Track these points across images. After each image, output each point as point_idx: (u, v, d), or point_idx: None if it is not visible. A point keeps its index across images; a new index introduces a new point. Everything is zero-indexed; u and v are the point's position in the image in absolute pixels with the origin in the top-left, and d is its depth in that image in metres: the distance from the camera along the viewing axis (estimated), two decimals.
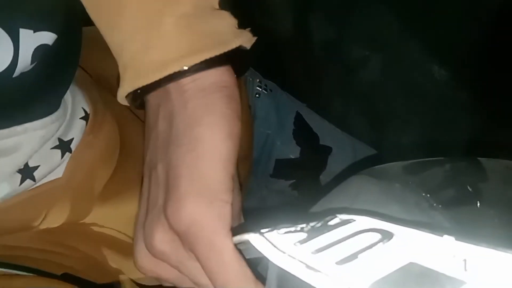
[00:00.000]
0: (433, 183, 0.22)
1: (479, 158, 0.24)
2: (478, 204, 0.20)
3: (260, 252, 0.16)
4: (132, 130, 0.32)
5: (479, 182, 0.21)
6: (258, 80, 0.57)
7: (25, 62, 0.23)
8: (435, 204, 0.20)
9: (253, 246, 0.16)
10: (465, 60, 0.77)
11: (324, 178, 0.57)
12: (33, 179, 0.27)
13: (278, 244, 0.15)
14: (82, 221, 0.30)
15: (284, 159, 0.56)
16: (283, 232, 0.16)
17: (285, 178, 0.55)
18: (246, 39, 0.20)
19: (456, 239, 0.14)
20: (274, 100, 0.57)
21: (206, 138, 0.19)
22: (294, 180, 0.56)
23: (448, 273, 0.13)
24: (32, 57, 0.23)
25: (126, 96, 0.22)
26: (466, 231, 0.18)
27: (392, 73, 0.84)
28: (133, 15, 0.20)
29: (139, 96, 0.22)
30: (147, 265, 0.21)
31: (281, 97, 0.58)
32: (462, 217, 0.19)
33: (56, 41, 0.25)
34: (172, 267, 0.20)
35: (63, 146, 0.28)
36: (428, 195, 0.21)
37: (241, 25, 0.22)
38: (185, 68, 0.19)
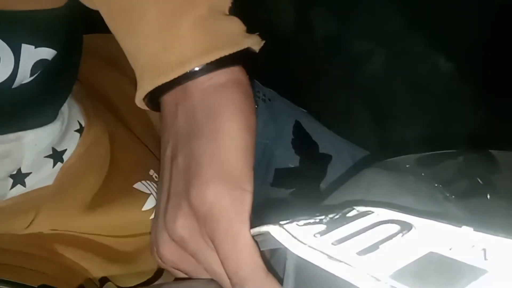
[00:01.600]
0: (446, 175, 0.22)
1: (491, 151, 0.24)
2: (491, 196, 0.20)
3: (278, 243, 0.16)
4: (123, 142, 0.33)
5: (492, 174, 0.21)
6: (256, 90, 0.57)
7: (24, 74, 0.24)
8: (448, 196, 0.20)
9: (271, 238, 0.16)
10: (470, 54, 0.77)
11: (324, 186, 0.56)
12: (24, 185, 0.28)
13: (298, 235, 0.15)
14: (69, 229, 0.30)
15: (283, 168, 0.56)
16: (303, 223, 0.16)
17: (286, 187, 0.55)
18: (255, 41, 0.22)
19: (474, 230, 0.14)
20: (272, 110, 0.57)
21: (226, 129, 0.20)
22: (294, 189, 0.55)
23: (469, 262, 0.13)
24: (31, 70, 0.24)
25: (143, 98, 0.23)
26: (481, 221, 0.18)
27: (396, 68, 0.84)
28: (152, 19, 0.21)
29: (157, 96, 0.22)
30: (168, 253, 0.21)
31: (280, 106, 0.57)
32: (476, 208, 0.20)
33: (55, 56, 0.26)
34: (189, 254, 0.21)
35: (56, 156, 0.29)
36: (441, 187, 0.21)
37: (243, 21, 0.24)
38: (203, 65, 0.20)
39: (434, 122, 0.83)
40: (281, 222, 0.17)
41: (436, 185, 0.21)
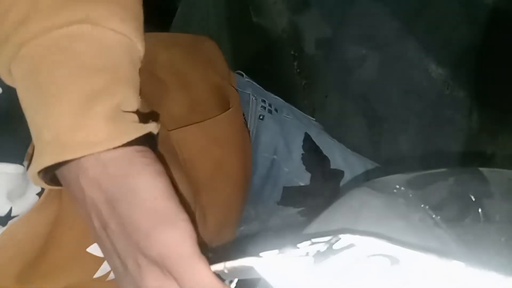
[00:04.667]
0: (437, 198, 0.22)
1: (481, 169, 0.23)
2: (483, 220, 0.20)
3: (263, 277, 0.16)
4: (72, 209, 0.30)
5: (484, 198, 0.21)
6: (261, 100, 0.52)
7: None
8: (439, 221, 0.20)
9: (255, 271, 0.16)
10: (461, 59, 0.77)
11: None
12: None
13: (284, 270, 0.15)
14: None
15: (293, 186, 0.53)
16: (290, 256, 0.15)
17: (294, 206, 0.52)
18: (154, 127, 0.25)
19: (466, 265, 0.14)
20: (280, 122, 0.53)
21: (140, 182, 0.22)
22: (304, 208, 0.53)
23: None
24: None
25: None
26: (473, 251, 0.17)
27: (389, 72, 0.84)
28: (68, 99, 0.23)
29: (53, 170, 0.24)
30: None
31: (288, 118, 0.54)
32: (467, 235, 0.19)
33: (3, 94, 0.26)
34: None
35: (2, 219, 0.27)
36: (432, 211, 0.21)
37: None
38: (111, 148, 0.23)
39: (428, 126, 0.83)
40: (265, 254, 0.16)
41: (428, 210, 0.20)
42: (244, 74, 0.55)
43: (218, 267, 0.19)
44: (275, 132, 0.53)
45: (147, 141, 0.24)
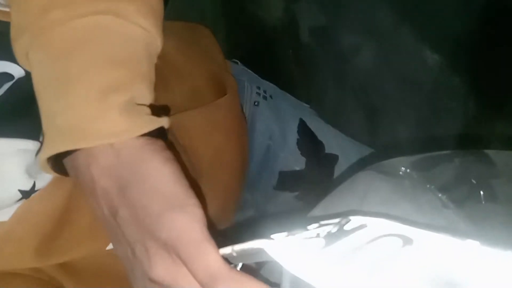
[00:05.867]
0: (443, 179, 0.21)
1: (488, 151, 0.23)
2: (489, 202, 0.20)
3: (273, 259, 0.15)
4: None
5: (491, 179, 0.21)
6: (256, 86, 0.53)
7: None
8: (447, 202, 0.20)
9: (265, 253, 0.16)
10: (458, 47, 0.77)
11: None
12: None
13: (295, 252, 0.14)
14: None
15: (288, 171, 0.54)
16: (300, 238, 0.15)
17: (290, 190, 0.53)
18: (165, 122, 0.25)
19: (480, 244, 0.14)
20: (275, 109, 0.54)
21: (151, 169, 0.23)
22: (299, 192, 0.54)
23: (474, 280, 0.12)
24: None
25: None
26: (482, 231, 0.17)
27: (385, 61, 0.84)
28: (86, 90, 0.24)
29: (61, 158, 0.24)
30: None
31: (283, 104, 0.55)
32: (474, 215, 0.19)
33: (25, 77, 0.26)
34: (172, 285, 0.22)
35: (27, 193, 0.28)
36: (440, 194, 0.20)
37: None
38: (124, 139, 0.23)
39: (426, 116, 0.83)
40: (275, 236, 0.16)
41: (434, 191, 0.20)
42: (239, 62, 0.56)
43: (226, 250, 0.19)
44: (270, 118, 0.53)
45: (158, 132, 0.24)
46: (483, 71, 0.74)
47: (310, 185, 0.53)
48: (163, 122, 0.25)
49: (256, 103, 0.54)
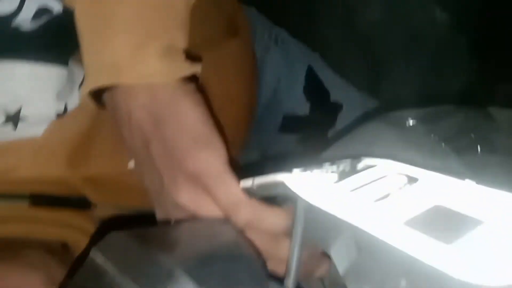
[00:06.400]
0: (447, 131, 0.23)
1: (489, 108, 0.25)
2: (488, 153, 0.21)
3: (291, 191, 0.17)
4: None
5: (491, 133, 0.22)
6: (268, 31, 0.55)
7: (26, 17, 0.28)
8: (449, 152, 0.21)
9: (285, 186, 0.17)
10: (466, 5, 0.76)
11: (332, 135, 0.57)
12: (15, 128, 0.30)
13: (312, 184, 0.16)
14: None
15: (293, 115, 0.56)
16: (316, 173, 0.17)
17: (293, 133, 0.56)
18: (199, 68, 0.28)
19: (476, 183, 0.15)
20: (285, 54, 0.55)
21: (184, 109, 0.25)
22: (302, 136, 0.56)
23: (470, 214, 0.14)
24: (34, 15, 0.28)
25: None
26: (480, 176, 0.19)
27: (393, 14, 0.82)
28: (129, 34, 0.26)
29: (101, 92, 0.27)
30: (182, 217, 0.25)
31: (293, 50, 0.57)
32: (474, 164, 0.21)
33: (63, 13, 0.29)
34: (195, 212, 0.24)
35: (59, 113, 0.31)
36: (443, 143, 0.22)
37: None
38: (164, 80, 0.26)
39: (429, 72, 0.83)
40: (295, 171, 0.17)
41: (436, 141, 0.21)
42: (251, 6, 0.56)
43: (247, 183, 0.21)
44: (280, 63, 0.55)
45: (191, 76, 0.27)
46: (488, 32, 0.73)
47: (312, 130, 0.55)
48: (197, 68, 0.27)
49: (267, 47, 0.55)
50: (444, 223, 0.14)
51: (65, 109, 0.31)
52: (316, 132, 0.57)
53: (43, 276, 0.27)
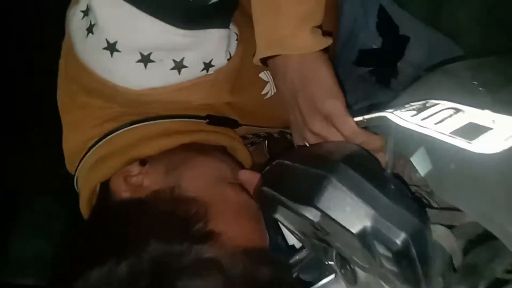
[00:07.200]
0: (486, 78, 0.35)
1: None
2: None
3: (389, 121, 0.32)
4: (250, 45, 0.47)
5: None
6: None
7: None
8: (486, 93, 0.34)
9: (386, 119, 0.32)
10: None
11: (401, 65, 0.68)
12: (208, 70, 0.45)
13: (401, 116, 0.30)
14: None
15: (367, 49, 0.68)
16: (403, 110, 0.31)
17: (367, 66, 0.68)
18: (331, 40, 0.42)
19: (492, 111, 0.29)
20: None
21: (322, 72, 0.40)
22: (373, 68, 0.68)
23: (485, 124, 0.28)
24: None
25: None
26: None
27: None
28: (291, 17, 0.40)
29: (267, 59, 0.43)
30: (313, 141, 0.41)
31: None
32: (506, 101, 0.33)
33: None
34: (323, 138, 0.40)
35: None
36: (481, 88, 0.35)
37: None
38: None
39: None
40: (390, 110, 0.32)
41: (477, 86, 0.34)
42: None
43: (359, 119, 0.36)
44: (356, 3, 0.67)
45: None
46: None
47: (384, 61, 0.67)
48: (329, 41, 0.41)
49: None
50: (471, 132, 0.28)
51: (229, 56, 0.46)
52: (388, 63, 0.69)
53: (228, 162, 0.46)
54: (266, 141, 0.59)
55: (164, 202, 0.39)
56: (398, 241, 0.26)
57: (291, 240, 0.47)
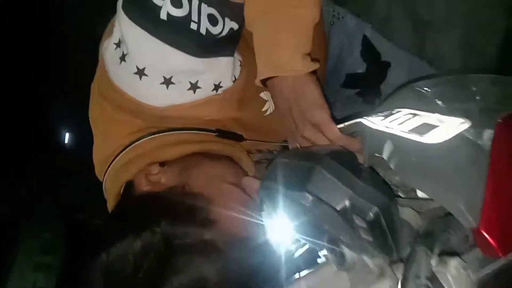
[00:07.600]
0: (444, 94, 0.44)
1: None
2: (479, 100, 0.42)
3: (364, 126, 0.40)
4: (253, 67, 0.55)
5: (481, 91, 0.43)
6: (332, 10, 0.77)
7: (224, 34, 0.51)
8: (439, 103, 0.43)
9: (361, 124, 0.40)
10: None
11: (384, 87, 0.78)
12: (218, 90, 0.54)
13: (372, 121, 0.39)
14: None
15: (353, 73, 0.78)
16: (374, 116, 0.40)
17: (353, 88, 0.78)
18: (317, 65, 0.50)
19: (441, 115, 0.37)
20: (345, 26, 0.78)
21: (311, 89, 0.50)
22: (360, 89, 0.77)
23: (435, 123, 0.36)
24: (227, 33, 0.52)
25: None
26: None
27: None
28: (287, 47, 0.50)
29: (267, 79, 0.52)
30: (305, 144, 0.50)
31: (351, 22, 0.79)
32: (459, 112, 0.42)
33: (238, 29, 0.53)
34: (312, 142, 0.49)
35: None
36: (437, 100, 0.43)
37: None
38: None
39: (469, 29, 0.90)
40: (365, 117, 0.40)
41: (435, 99, 0.43)
42: None
43: (340, 126, 0.44)
44: (342, 34, 0.79)
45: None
46: None
47: (369, 84, 0.77)
48: (316, 65, 0.51)
49: (331, 23, 0.77)
50: (424, 129, 0.36)
51: (234, 79, 0.56)
52: (372, 86, 0.79)
53: (233, 168, 0.53)
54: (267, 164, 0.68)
55: (176, 195, 0.48)
56: (371, 213, 0.33)
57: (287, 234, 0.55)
